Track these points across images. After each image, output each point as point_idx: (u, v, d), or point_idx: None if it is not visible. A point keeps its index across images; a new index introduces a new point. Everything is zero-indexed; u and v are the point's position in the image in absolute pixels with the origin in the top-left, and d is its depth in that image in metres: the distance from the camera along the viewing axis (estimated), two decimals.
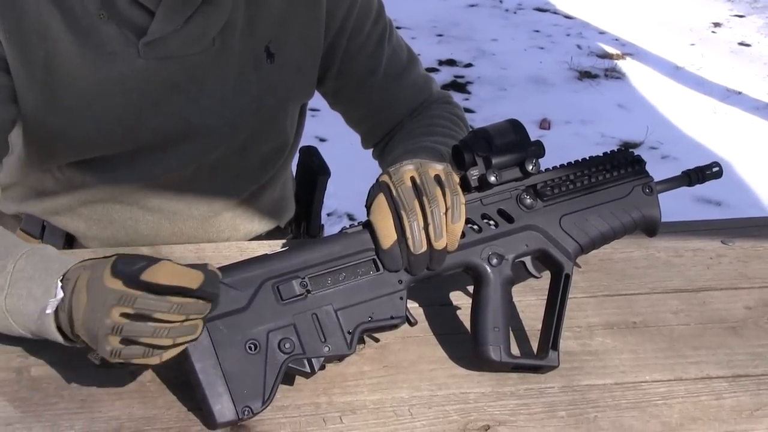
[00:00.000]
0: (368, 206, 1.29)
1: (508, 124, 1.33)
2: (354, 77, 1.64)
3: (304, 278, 1.24)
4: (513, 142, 1.32)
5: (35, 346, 1.26)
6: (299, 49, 1.56)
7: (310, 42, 1.57)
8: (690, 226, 1.75)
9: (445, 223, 1.26)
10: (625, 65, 5.18)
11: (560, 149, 4.16)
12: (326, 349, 1.23)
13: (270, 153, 1.65)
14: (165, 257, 1.49)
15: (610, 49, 5.37)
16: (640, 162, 1.42)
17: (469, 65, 5.02)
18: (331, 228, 3.29)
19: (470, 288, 1.46)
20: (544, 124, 4.40)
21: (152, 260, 1.10)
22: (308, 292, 1.24)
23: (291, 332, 1.22)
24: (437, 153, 1.48)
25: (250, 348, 1.19)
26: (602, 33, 5.64)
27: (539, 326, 1.37)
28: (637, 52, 5.37)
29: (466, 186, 1.32)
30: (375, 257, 1.28)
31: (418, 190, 1.26)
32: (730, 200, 3.82)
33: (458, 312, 1.43)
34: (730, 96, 4.85)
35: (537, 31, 5.63)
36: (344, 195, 3.44)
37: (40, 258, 1.21)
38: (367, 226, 1.28)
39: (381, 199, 1.27)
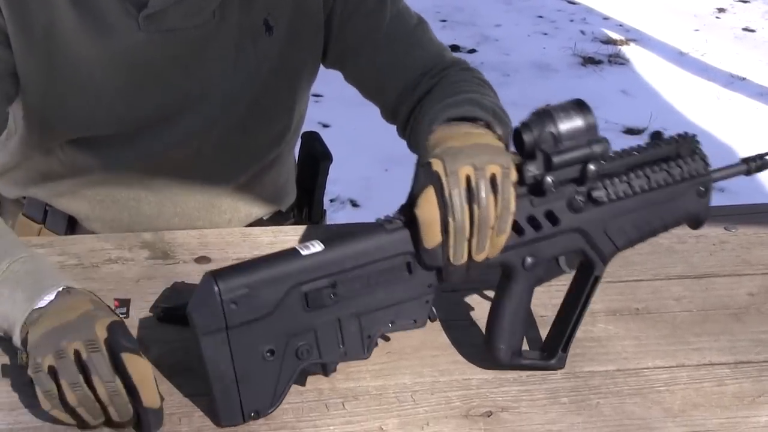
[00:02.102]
0: (415, 196, 1.19)
1: (578, 109, 1.22)
2: (354, 37, 1.59)
3: (334, 285, 1.17)
4: (579, 132, 1.22)
5: None
6: (298, 20, 1.55)
7: (308, 12, 1.56)
8: None
9: (490, 236, 1.18)
10: (629, 51, 5.17)
11: None
12: (343, 354, 1.21)
13: (271, 132, 1.65)
14: (167, 243, 1.50)
15: (614, 35, 5.36)
16: (703, 156, 1.36)
17: (472, 51, 5.02)
18: (334, 215, 3.29)
19: None
20: None
21: (138, 352, 1.14)
22: (336, 298, 1.18)
23: (311, 338, 1.18)
24: (481, 106, 1.36)
25: (267, 354, 1.16)
26: (606, 18, 5.62)
27: (542, 312, 1.37)
28: (641, 37, 5.35)
29: (519, 179, 1.22)
30: (410, 260, 1.20)
31: (470, 193, 1.16)
32: (733, 187, 3.79)
33: (461, 298, 1.43)
34: (734, 82, 4.84)
35: (540, 17, 5.62)
36: (347, 181, 3.44)
37: (36, 267, 1.23)
38: (409, 222, 1.19)
39: (431, 195, 1.17)
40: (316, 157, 1.82)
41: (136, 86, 1.49)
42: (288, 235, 1.57)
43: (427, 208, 1.16)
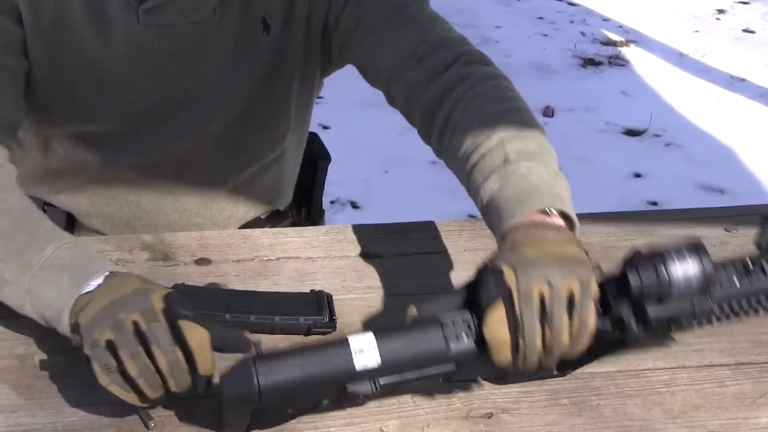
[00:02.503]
0: (483, 309, 1.10)
1: (695, 254, 1.11)
2: (346, 27, 1.53)
3: (374, 383, 1.11)
4: (692, 281, 1.11)
5: (39, 333, 1.26)
6: (296, 20, 1.55)
7: (303, 12, 1.55)
8: (693, 214, 1.75)
9: (561, 352, 1.11)
10: (629, 52, 5.16)
11: (564, 137, 4.17)
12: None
13: (270, 132, 1.65)
14: (167, 245, 1.50)
15: (614, 36, 5.36)
16: None
17: None
18: (334, 216, 3.29)
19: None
20: (548, 112, 4.39)
21: (200, 320, 1.13)
22: (377, 391, 1.12)
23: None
24: (552, 194, 1.24)
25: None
26: (606, 20, 5.62)
27: None
28: (641, 39, 5.35)
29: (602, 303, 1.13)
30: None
31: (543, 311, 1.09)
32: (733, 188, 3.81)
33: None
34: (734, 83, 4.84)
35: (541, 18, 5.61)
36: (347, 183, 3.44)
37: (81, 253, 1.22)
38: (478, 337, 1.11)
39: (501, 314, 1.09)
40: (314, 158, 1.82)
41: (135, 80, 1.50)
42: (288, 237, 1.57)
43: (498, 329, 1.09)
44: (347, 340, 1.10)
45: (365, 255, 1.54)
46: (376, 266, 1.51)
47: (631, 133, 4.29)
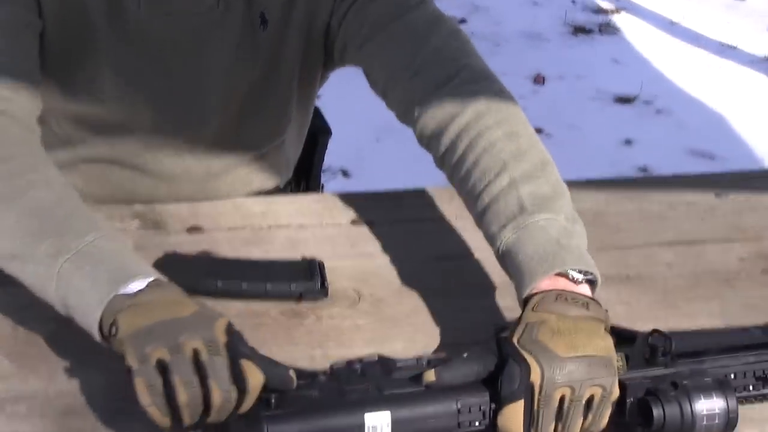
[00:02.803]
0: (503, 401, 1.10)
1: (721, 391, 1.11)
2: (353, 27, 1.51)
3: None
4: (716, 415, 1.11)
5: (31, 301, 1.25)
6: (294, 19, 1.53)
7: (307, 12, 1.54)
8: (684, 180, 1.76)
9: None
10: (620, 20, 5.15)
11: (554, 104, 4.17)
12: None
13: (268, 125, 1.63)
14: (158, 213, 1.50)
15: (605, 4, 5.34)
16: None
17: (462, 21, 5.00)
18: (325, 185, 3.29)
19: (468, 239, 1.47)
20: (539, 79, 4.39)
21: (257, 360, 1.08)
22: None
23: None
24: (576, 255, 1.23)
25: None
26: None
27: None
28: (632, 6, 5.34)
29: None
30: None
31: (561, 412, 1.09)
32: (723, 153, 3.81)
33: (453, 265, 1.44)
34: (725, 50, 4.83)
35: None
36: (339, 151, 3.41)
37: (121, 248, 1.19)
38: (491, 426, 1.11)
39: (518, 409, 1.09)
40: (314, 133, 1.81)
41: (137, 66, 1.48)
42: (280, 205, 1.57)
43: (513, 423, 1.10)
44: (363, 417, 1.08)
45: (357, 222, 1.54)
46: (368, 233, 1.51)
47: (622, 100, 4.29)
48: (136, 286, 1.13)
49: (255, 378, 1.06)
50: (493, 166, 1.31)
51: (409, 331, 1.31)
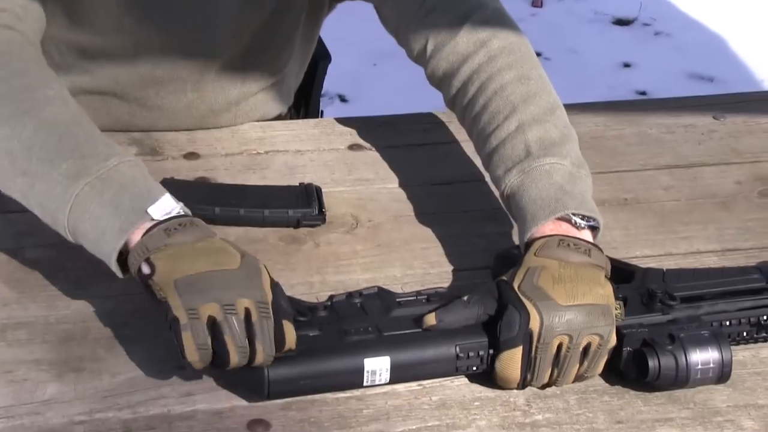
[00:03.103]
0: (501, 347, 1.10)
1: (715, 343, 1.11)
2: None
3: None
4: (710, 365, 1.11)
5: (30, 228, 1.26)
6: None
7: None
8: (682, 102, 1.75)
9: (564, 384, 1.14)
10: None
11: (553, 27, 4.14)
12: None
13: (274, 60, 1.60)
14: (155, 140, 1.50)
15: None
16: None
17: None
18: (324, 111, 3.27)
19: (466, 164, 1.47)
20: (537, 2, 4.36)
21: (291, 317, 1.07)
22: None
23: None
24: (578, 199, 1.22)
25: None
26: None
27: None
28: None
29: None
30: None
31: (557, 358, 1.10)
32: (722, 76, 3.80)
33: (451, 190, 1.44)
34: None
35: None
36: (336, 76, 3.39)
37: (144, 174, 1.16)
38: (489, 368, 1.11)
39: (516, 356, 1.09)
40: (314, 57, 1.80)
41: (142, 4, 1.44)
42: (277, 131, 1.57)
43: (511, 368, 1.10)
44: (363, 362, 1.08)
45: (354, 148, 1.54)
46: (366, 159, 1.51)
47: (621, 22, 4.26)
48: (162, 211, 1.11)
49: (291, 337, 1.05)
50: (502, 110, 1.31)
51: (406, 257, 1.32)
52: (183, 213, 1.13)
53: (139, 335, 1.15)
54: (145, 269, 1.08)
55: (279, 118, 1.70)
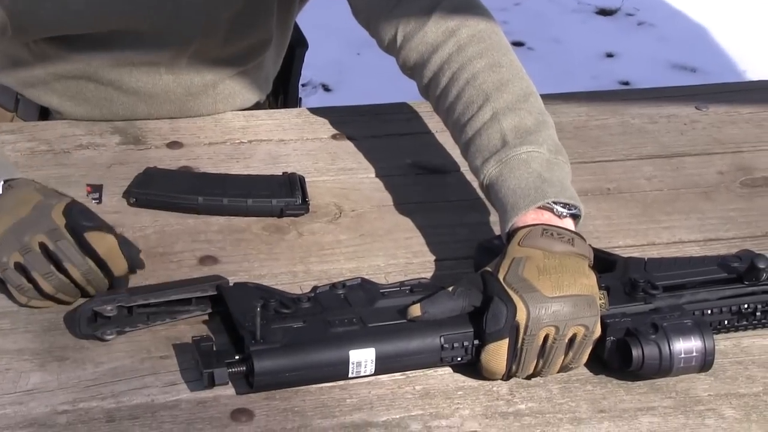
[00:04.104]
0: (487, 339, 1.10)
1: (698, 332, 1.12)
2: None
3: None
4: (693, 353, 1.12)
5: None
6: None
7: None
8: (664, 93, 1.76)
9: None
10: None
11: (537, 17, 4.15)
12: None
13: (252, 45, 1.60)
14: (138, 128, 1.50)
15: None
16: None
17: None
18: (306, 99, 3.27)
19: (449, 154, 1.47)
20: None
21: (102, 226, 1.18)
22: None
23: None
24: (557, 186, 1.23)
25: None
26: None
27: None
28: None
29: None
30: None
31: (543, 350, 1.11)
32: (705, 66, 3.81)
33: (433, 180, 1.44)
34: None
35: None
36: (319, 65, 3.41)
37: None
38: (474, 359, 1.12)
39: (503, 349, 1.09)
40: (291, 44, 1.80)
41: None
42: (260, 120, 1.57)
43: (496, 361, 1.10)
44: (348, 354, 1.09)
45: (338, 137, 1.54)
46: (349, 148, 1.51)
47: (604, 12, 4.27)
48: None
49: (103, 242, 1.16)
50: (475, 99, 1.31)
51: (390, 247, 1.32)
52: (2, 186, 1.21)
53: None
54: None
55: (258, 105, 1.69)
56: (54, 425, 1.03)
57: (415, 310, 1.11)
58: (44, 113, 1.61)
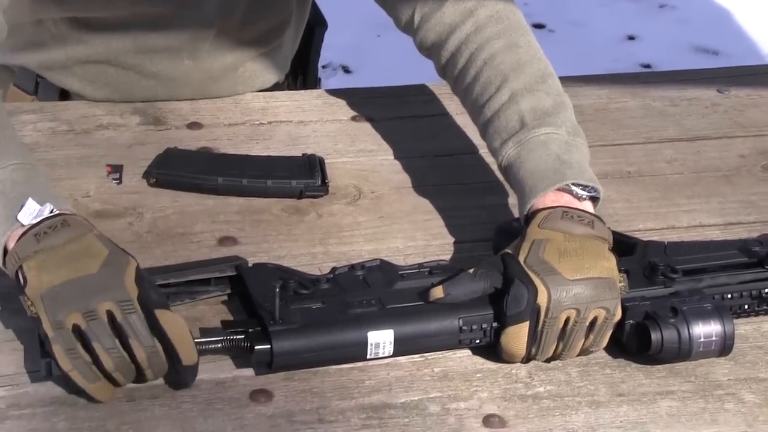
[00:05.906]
0: (507, 321, 1.10)
1: (718, 317, 1.11)
2: None
3: None
4: (713, 337, 1.12)
5: None
6: None
7: None
8: (686, 75, 1.75)
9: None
10: None
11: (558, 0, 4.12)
12: None
13: (271, 25, 1.60)
14: (158, 109, 1.50)
15: None
16: None
17: None
18: (326, 81, 3.27)
19: (469, 136, 1.47)
20: None
21: (168, 306, 1.06)
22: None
23: None
24: (575, 169, 1.22)
25: None
26: None
27: None
28: None
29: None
30: None
31: (564, 332, 1.10)
32: (727, 49, 3.78)
33: (452, 162, 1.44)
34: None
35: None
36: (339, 47, 3.41)
37: (26, 178, 1.13)
38: (493, 341, 1.12)
39: (523, 331, 1.09)
40: (310, 24, 1.79)
41: None
42: (280, 101, 1.57)
43: (517, 343, 1.10)
44: (366, 335, 1.09)
45: (357, 119, 1.54)
46: (369, 130, 1.51)
47: None
48: (33, 212, 1.08)
49: (174, 326, 1.03)
50: (493, 80, 1.31)
51: (409, 229, 1.32)
52: (54, 213, 1.09)
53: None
54: (20, 279, 1.06)
55: (277, 86, 1.69)
56: (75, 404, 1.04)
57: (437, 292, 1.11)
58: (64, 96, 1.61)
